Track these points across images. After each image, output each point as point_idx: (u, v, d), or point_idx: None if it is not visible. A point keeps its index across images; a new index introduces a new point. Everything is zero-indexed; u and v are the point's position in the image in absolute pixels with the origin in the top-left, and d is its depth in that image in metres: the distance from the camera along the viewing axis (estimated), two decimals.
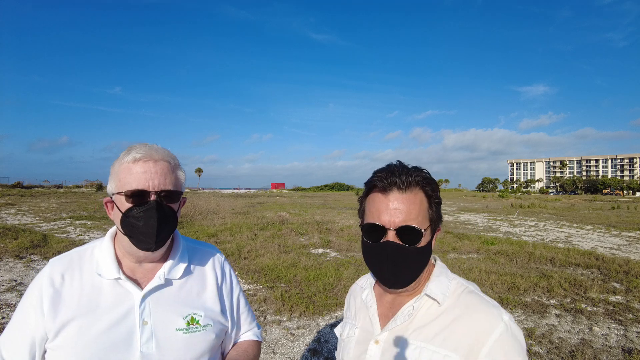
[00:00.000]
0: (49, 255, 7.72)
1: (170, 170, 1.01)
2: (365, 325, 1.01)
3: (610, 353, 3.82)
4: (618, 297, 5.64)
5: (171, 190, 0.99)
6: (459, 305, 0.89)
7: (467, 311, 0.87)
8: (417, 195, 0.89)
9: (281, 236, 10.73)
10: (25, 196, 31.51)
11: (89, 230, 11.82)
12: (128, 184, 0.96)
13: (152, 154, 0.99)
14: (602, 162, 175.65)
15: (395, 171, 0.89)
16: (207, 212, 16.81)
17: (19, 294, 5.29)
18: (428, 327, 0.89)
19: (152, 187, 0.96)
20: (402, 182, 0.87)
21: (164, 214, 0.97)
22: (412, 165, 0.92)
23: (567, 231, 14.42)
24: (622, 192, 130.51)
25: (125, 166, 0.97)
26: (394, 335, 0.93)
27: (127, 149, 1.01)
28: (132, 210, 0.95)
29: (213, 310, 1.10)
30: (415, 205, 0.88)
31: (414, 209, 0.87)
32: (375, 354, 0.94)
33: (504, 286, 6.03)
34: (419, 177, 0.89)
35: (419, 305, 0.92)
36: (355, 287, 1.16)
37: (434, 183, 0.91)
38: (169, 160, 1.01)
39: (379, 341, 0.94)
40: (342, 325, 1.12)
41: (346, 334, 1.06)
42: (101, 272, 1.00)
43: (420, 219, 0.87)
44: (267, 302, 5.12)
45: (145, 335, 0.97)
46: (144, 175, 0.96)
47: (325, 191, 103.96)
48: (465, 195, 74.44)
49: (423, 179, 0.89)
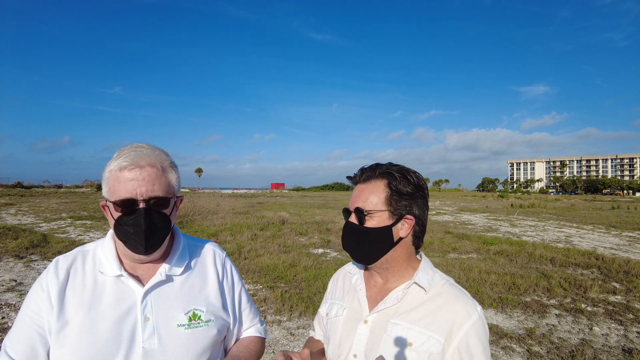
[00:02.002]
0: (49, 255, 7.72)
1: (158, 175, 0.99)
2: (354, 307, 1.11)
3: (610, 353, 3.82)
4: (618, 297, 5.64)
5: (160, 196, 0.98)
6: (442, 294, 1.02)
7: (449, 300, 1.00)
8: (376, 184, 1.04)
9: (281, 236, 10.73)
10: (25, 196, 31.52)
11: (89, 230, 11.82)
12: (117, 193, 0.95)
13: (138, 161, 0.96)
14: (602, 162, 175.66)
15: (363, 169, 1.08)
16: (207, 212, 16.81)
17: (19, 294, 5.29)
18: (415, 311, 1.01)
19: (139, 195, 0.95)
20: (362, 175, 1.07)
21: (152, 221, 0.96)
22: (387, 163, 1.08)
23: (567, 231, 14.42)
24: (622, 192, 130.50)
25: (114, 174, 0.97)
26: (382, 315, 1.03)
27: (116, 153, 1.00)
28: (122, 218, 0.96)
29: (215, 305, 1.10)
30: (368, 191, 1.04)
31: (365, 195, 1.04)
32: (364, 332, 1.04)
33: (504, 286, 6.03)
34: (379, 170, 1.05)
35: (407, 292, 1.04)
36: (341, 271, 1.26)
37: (401, 176, 1.03)
38: (156, 165, 0.99)
39: (367, 321, 1.05)
40: (328, 306, 1.20)
41: (334, 314, 1.15)
42: (103, 269, 1.01)
43: (372, 203, 1.02)
44: (267, 302, 5.13)
45: (148, 331, 0.98)
46: (131, 184, 0.95)
47: (325, 191, 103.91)
48: (465, 195, 74.46)
49: (383, 172, 1.04)
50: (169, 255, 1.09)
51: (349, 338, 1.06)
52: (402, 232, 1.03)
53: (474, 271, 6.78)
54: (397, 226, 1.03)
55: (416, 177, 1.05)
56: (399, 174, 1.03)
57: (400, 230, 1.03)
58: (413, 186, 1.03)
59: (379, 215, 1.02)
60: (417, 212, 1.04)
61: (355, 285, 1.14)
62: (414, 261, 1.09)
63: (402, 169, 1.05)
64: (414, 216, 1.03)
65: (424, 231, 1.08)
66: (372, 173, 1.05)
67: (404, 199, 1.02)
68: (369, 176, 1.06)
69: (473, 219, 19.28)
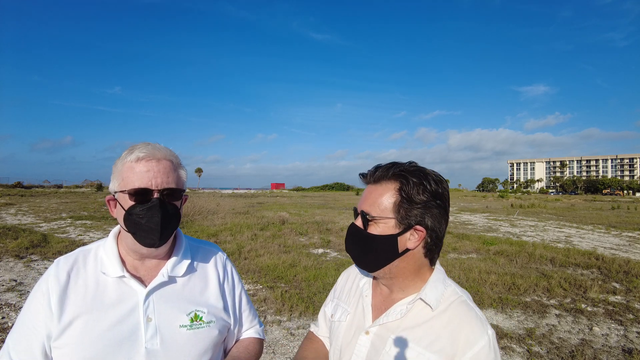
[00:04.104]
0: (49, 255, 7.72)
1: (172, 168, 1.03)
2: (358, 314, 1.06)
3: (610, 353, 3.83)
4: (618, 297, 5.64)
5: (174, 188, 1.02)
6: (449, 313, 0.93)
7: (456, 320, 0.91)
8: (386, 187, 0.94)
9: (281, 236, 10.73)
10: (25, 196, 31.52)
11: (89, 230, 11.82)
12: (131, 183, 0.97)
13: (154, 153, 1.01)
14: (602, 162, 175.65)
15: (378, 167, 0.98)
16: (207, 212, 16.81)
17: (19, 294, 5.29)
18: (417, 328, 0.93)
19: (155, 185, 0.98)
20: (373, 175, 0.97)
21: (167, 211, 0.99)
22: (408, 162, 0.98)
23: (567, 231, 14.42)
24: (622, 192, 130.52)
25: (129, 165, 0.99)
26: (384, 329, 0.97)
27: (129, 148, 1.03)
28: (135, 208, 0.97)
29: (216, 307, 1.11)
30: (376, 194, 0.94)
31: (373, 198, 0.94)
32: (364, 343, 0.99)
33: (504, 286, 6.03)
34: (394, 170, 0.94)
35: (412, 307, 0.96)
36: (354, 270, 1.18)
37: (416, 181, 0.91)
38: (171, 159, 1.04)
39: (369, 332, 1.00)
40: (334, 306, 1.16)
41: (337, 317, 1.11)
42: (105, 270, 1.02)
43: (379, 208, 0.93)
44: (267, 302, 5.13)
45: (150, 331, 0.99)
46: (147, 174, 0.98)
47: (326, 191, 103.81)
48: (466, 195, 74.44)
49: (397, 173, 0.93)
50: (171, 256, 1.09)
51: (350, 347, 1.02)
52: (409, 244, 0.93)
53: (474, 271, 6.78)
54: (405, 236, 0.93)
55: (435, 184, 0.92)
56: (415, 178, 0.91)
57: (409, 241, 0.93)
58: (429, 194, 0.91)
59: (385, 223, 0.92)
60: (429, 223, 0.92)
61: (362, 289, 1.09)
62: (425, 272, 1.00)
63: (420, 171, 0.93)
64: (425, 227, 0.92)
65: (438, 244, 0.96)
66: (384, 173, 0.94)
67: (416, 208, 0.91)
68: (380, 176, 0.95)
69: (473, 219, 19.28)
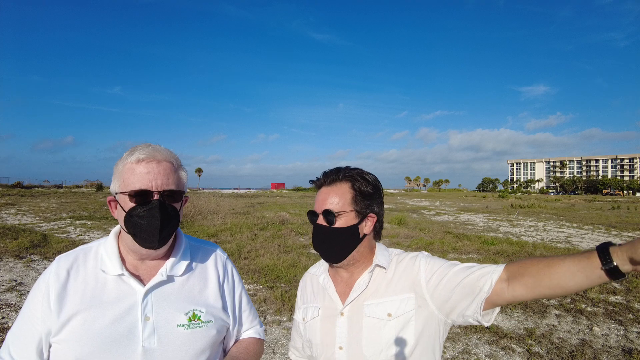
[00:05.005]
0: (49, 255, 7.73)
1: (172, 170, 1.04)
2: (327, 304, 1.18)
3: (610, 353, 3.83)
4: (618, 297, 5.64)
5: (174, 190, 1.02)
6: (397, 262, 1.15)
7: (404, 262, 1.14)
8: (341, 187, 1.13)
9: (281, 236, 10.74)
10: (25, 196, 31.52)
11: (89, 230, 11.83)
12: (132, 184, 0.98)
13: (155, 155, 1.01)
14: (602, 162, 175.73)
15: (327, 172, 1.18)
16: (207, 212, 16.81)
17: (19, 294, 5.29)
18: (381, 287, 1.12)
19: (155, 187, 0.99)
20: (326, 179, 1.16)
21: (166, 213, 1.00)
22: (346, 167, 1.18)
23: (567, 231, 14.42)
24: (622, 193, 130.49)
25: (129, 166, 1.00)
26: (356, 304, 1.12)
27: (130, 150, 1.04)
28: (135, 209, 0.98)
29: (215, 307, 1.11)
30: (335, 194, 1.12)
31: (333, 198, 1.12)
32: (343, 324, 1.12)
33: None
34: (343, 173, 1.14)
35: (372, 275, 1.14)
36: (307, 276, 1.33)
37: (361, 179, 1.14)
38: (171, 161, 1.04)
39: (344, 313, 1.13)
40: (303, 311, 1.26)
41: (310, 316, 1.21)
42: (105, 268, 1.03)
43: (339, 205, 1.11)
44: (267, 302, 5.13)
45: (148, 330, 0.99)
46: (147, 176, 0.99)
47: None
48: (465, 195, 74.48)
49: (346, 174, 1.14)
50: (170, 255, 1.10)
51: (330, 333, 1.13)
52: (366, 229, 1.15)
53: None
54: (362, 224, 1.14)
55: (374, 179, 1.17)
56: (359, 176, 1.14)
57: (365, 227, 1.14)
58: (372, 186, 1.15)
59: (347, 216, 1.12)
60: (377, 210, 1.16)
61: (323, 284, 1.21)
62: (374, 248, 1.20)
63: (361, 171, 1.17)
64: (375, 214, 1.16)
65: (382, 225, 1.20)
66: (336, 176, 1.15)
67: (367, 199, 1.14)
68: (333, 179, 1.15)
69: (473, 219, 19.29)
